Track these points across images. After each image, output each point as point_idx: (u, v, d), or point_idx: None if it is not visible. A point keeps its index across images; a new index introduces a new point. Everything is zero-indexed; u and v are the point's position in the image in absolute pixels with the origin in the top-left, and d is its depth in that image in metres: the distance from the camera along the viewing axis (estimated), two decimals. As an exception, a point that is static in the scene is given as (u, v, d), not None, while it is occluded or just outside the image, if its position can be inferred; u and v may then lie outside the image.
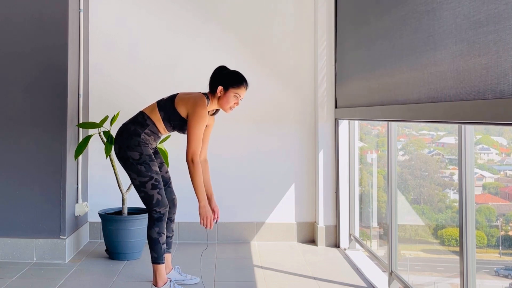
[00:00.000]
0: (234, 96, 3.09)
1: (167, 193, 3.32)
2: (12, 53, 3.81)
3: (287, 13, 4.50)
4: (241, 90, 3.10)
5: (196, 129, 2.99)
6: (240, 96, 3.11)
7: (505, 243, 2.51)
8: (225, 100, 3.09)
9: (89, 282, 3.38)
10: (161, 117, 3.12)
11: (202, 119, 3.01)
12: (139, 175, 3.05)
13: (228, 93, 3.09)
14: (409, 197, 3.48)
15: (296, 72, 4.50)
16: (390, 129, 3.21)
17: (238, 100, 3.12)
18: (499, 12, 1.68)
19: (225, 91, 3.09)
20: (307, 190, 4.46)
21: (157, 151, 3.35)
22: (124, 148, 3.07)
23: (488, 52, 1.75)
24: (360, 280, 3.47)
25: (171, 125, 3.14)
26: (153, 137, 3.16)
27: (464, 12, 1.93)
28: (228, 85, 3.09)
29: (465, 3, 1.92)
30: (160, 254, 3.10)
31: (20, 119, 3.80)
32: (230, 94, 3.08)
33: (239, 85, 3.10)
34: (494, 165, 2.72)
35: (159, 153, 3.37)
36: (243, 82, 3.12)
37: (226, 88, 3.09)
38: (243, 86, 3.11)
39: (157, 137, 3.20)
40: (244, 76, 3.16)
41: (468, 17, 1.90)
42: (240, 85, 3.10)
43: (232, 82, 3.10)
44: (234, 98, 3.10)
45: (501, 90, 1.67)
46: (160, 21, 4.45)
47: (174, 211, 3.35)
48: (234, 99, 3.10)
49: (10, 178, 3.79)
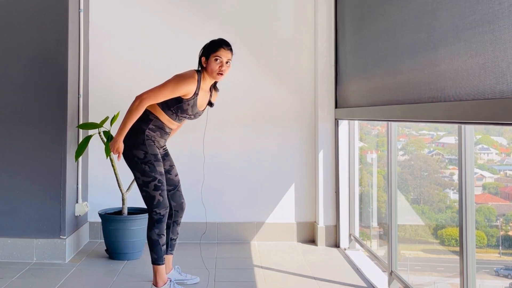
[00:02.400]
0: (215, 60, 3.06)
1: (176, 196, 3.29)
2: (12, 53, 3.81)
3: (287, 13, 4.50)
4: (221, 52, 3.07)
5: (169, 84, 2.99)
6: (222, 58, 3.06)
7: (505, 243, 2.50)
8: (210, 68, 3.08)
9: (89, 282, 3.38)
10: (160, 108, 3.09)
11: (182, 81, 3.00)
12: (143, 174, 3.05)
13: (210, 60, 3.08)
14: (409, 197, 3.48)
15: (296, 72, 4.50)
16: (390, 129, 3.21)
17: (222, 63, 3.07)
18: (494, 12, 1.68)
19: (207, 59, 3.09)
20: (307, 190, 4.46)
21: (168, 153, 3.31)
22: (129, 146, 3.06)
23: (485, 52, 1.75)
24: (360, 280, 3.47)
25: (172, 111, 3.09)
26: (159, 133, 3.13)
27: (460, 12, 1.93)
28: (208, 53, 3.10)
29: (461, 3, 1.92)
30: (160, 255, 3.09)
31: (20, 119, 3.80)
32: (211, 60, 3.07)
33: (216, 47, 3.08)
34: (494, 165, 2.72)
35: (170, 155, 3.33)
36: (220, 44, 3.10)
37: (207, 57, 3.10)
38: (222, 47, 3.08)
39: (164, 133, 3.16)
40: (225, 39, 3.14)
41: (464, 17, 1.90)
42: (218, 47, 3.08)
43: (210, 48, 3.11)
44: (216, 63, 3.06)
45: (500, 90, 1.67)
46: (160, 21, 4.45)
47: (182, 214, 3.33)
48: (217, 64, 3.06)
49: (10, 178, 3.79)
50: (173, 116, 3.12)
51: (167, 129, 3.17)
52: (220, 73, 3.07)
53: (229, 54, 3.10)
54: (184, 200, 3.34)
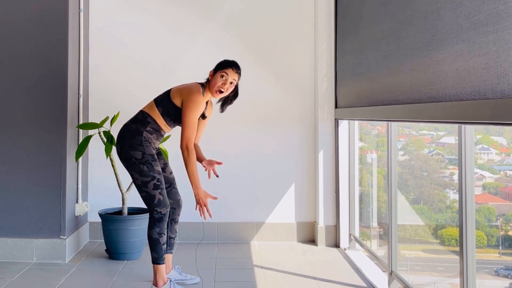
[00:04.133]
0: (220, 76, 3.12)
1: (172, 194, 3.31)
2: (12, 54, 3.81)
3: (287, 13, 4.50)
4: (229, 70, 3.13)
5: (190, 115, 3.03)
6: (228, 76, 3.11)
7: (505, 243, 2.51)
8: (213, 82, 3.13)
9: (89, 282, 3.38)
10: (160, 113, 3.13)
11: (197, 105, 3.05)
12: (141, 174, 3.05)
13: (216, 75, 3.14)
14: (409, 197, 3.48)
15: (296, 72, 4.50)
16: (390, 129, 3.22)
17: (227, 80, 3.11)
18: (498, 12, 1.69)
19: (214, 73, 3.16)
20: (307, 190, 4.47)
21: (160, 152, 3.35)
22: (126, 147, 3.07)
23: (488, 52, 1.76)
24: (360, 280, 3.47)
25: (171, 119, 3.15)
26: (155, 135, 3.16)
27: (465, 12, 1.93)
28: (217, 68, 3.17)
29: (466, 3, 1.92)
30: (160, 254, 3.10)
31: (21, 119, 3.80)
32: (217, 75, 3.13)
33: (226, 65, 3.15)
34: (494, 165, 2.72)
35: (162, 154, 3.37)
36: (230, 63, 3.16)
37: (214, 71, 3.17)
38: (231, 67, 3.14)
39: (159, 135, 3.20)
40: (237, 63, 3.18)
41: (469, 17, 1.90)
42: (228, 66, 3.14)
43: (220, 64, 3.17)
44: (221, 79, 3.11)
45: (501, 90, 1.68)
46: (160, 21, 4.45)
47: (179, 212, 3.34)
48: (221, 80, 3.11)
49: (11, 178, 3.79)
50: (170, 122, 3.18)
51: (163, 132, 3.22)
52: (219, 90, 3.12)
53: (236, 76, 3.16)
54: (180, 197, 3.36)
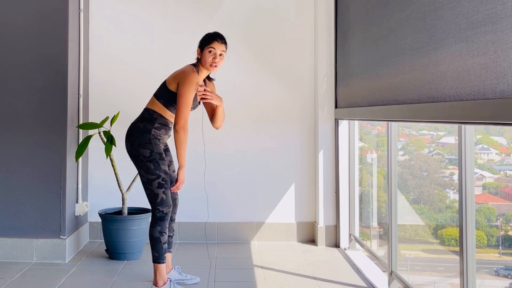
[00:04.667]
0: (208, 52, 3.12)
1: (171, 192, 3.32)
2: (12, 54, 3.81)
3: (287, 13, 4.50)
4: (214, 44, 3.13)
5: (186, 95, 3.05)
6: (216, 50, 3.13)
7: (505, 243, 2.51)
8: (204, 59, 3.14)
9: (89, 282, 3.38)
10: (163, 105, 3.14)
11: (192, 84, 3.06)
12: (147, 172, 3.07)
13: (204, 52, 3.15)
14: (409, 197, 3.48)
15: (296, 72, 4.50)
16: (390, 129, 3.22)
17: (216, 55, 3.13)
18: (497, 12, 1.68)
19: (202, 51, 3.16)
20: (307, 190, 4.46)
21: (168, 149, 3.35)
22: (135, 145, 3.10)
23: (487, 52, 1.76)
24: (360, 280, 3.47)
25: (174, 107, 3.14)
26: (163, 130, 3.18)
27: (463, 12, 1.93)
28: (202, 45, 3.17)
29: (464, 3, 1.92)
30: (161, 253, 3.10)
31: (21, 119, 3.80)
32: (205, 52, 3.14)
33: (210, 40, 3.15)
34: (494, 165, 2.72)
35: (169, 150, 3.37)
36: (214, 36, 3.16)
37: (201, 48, 3.17)
38: (216, 40, 3.14)
39: (168, 129, 3.22)
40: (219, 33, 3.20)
41: (467, 17, 1.90)
42: (212, 39, 3.14)
43: (204, 40, 3.17)
44: (210, 54, 3.12)
45: (501, 90, 1.68)
46: (160, 21, 4.45)
47: (175, 210, 3.36)
48: (210, 55, 3.12)
49: (11, 178, 3.79)
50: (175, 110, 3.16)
51: (170, 124, 3.21)
52: (213, 65, 3.13)
53: (223, 46, 3.17)
54: (177, 196, 3.38)
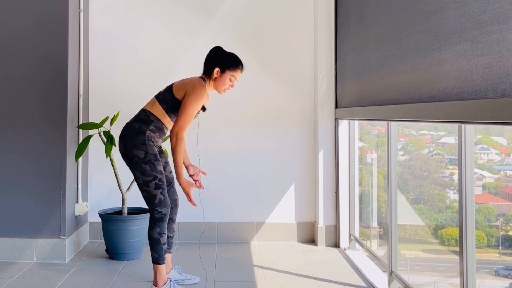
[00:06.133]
0: (230, 78, 3.10)
1: (170, 193, 3.30)
2: (12, 53, 3.81)
3: (287, 12, 4.50)
4: (237, 73, 3.11)
5: (191, 106, 3.00)
6: (236, 79, 3.12)
7: (505, 243, 2.51)
8: (221, 82, 3.10)
9: (89, 282, 3.38)
10: (164, 110, 3.10)
11: (200, 98, 3.02)
12: (143, 174, 3.05)
13: (224, 75, 3.09)
14: (409, 197, 3.48)
15: (296, 72, 4.50)
16: (390, 129, 3.22)
17: (234, 82, 3.12)
18: (504, 12, 1.68)
19: (222, 73, 3.10)
20: (307, 190, 4.47)
21: (162, 151, 3.33)
22: (129, 146, 3.06)
23: (491, 52, 1.75)
24: (360, 280, 3.47)
25: (175, 115, 3.11)
26: (158, 134, 3.13)
27: (469, 12, 1.93)
28: (225, 67, 3.09)
29: (471, 3, 1.92)
30: (160, 254, 3.10)
31: (21, 119, 3.80)
32: (226, 76, 3.09)
33: (236, 67, 3.11)
34: (494, 165, 2.72)
35: (164, 152, 3.36)
36: (239, 64, 3.13)
37: (222, 70, 3.09)
38: (239, 68, 3.12)
39: (162, 133, 3.18)
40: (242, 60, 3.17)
41: (473, 16, 1.90)
42: (237, 67, 3.11)
43: (229, 64, 3.10)
44: (229, 81, 3.10)
45: (503, 90, 1.68)
46: (160, 21, 4.45)
47: (176, 211, 3.34)
48: (229, 82, 3.10)
49: (11, 178, 3.79)
50: (175, 118, 3.14)
51: (166, 130, 3.19)
52: (226, 90, 3.14)
53: (240, 74, 3.16)
54: (178, 197, 3.35)
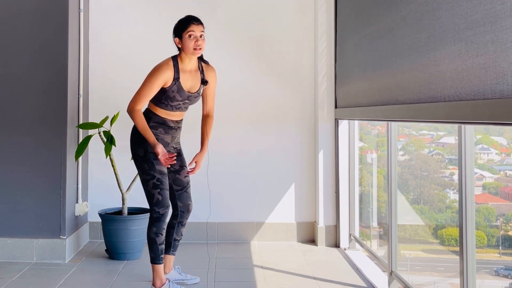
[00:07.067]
0: (188, 36, 3.03)
1: (183, 197, 3.25)
2: (12, 53, 3.81)
3: (287, 13, 4.49)
4: (191, 27, 3.04)
5: (145, 82, 3.03)
6: (195, 33, 3.03)
7: (505, 243, 2.51)
8: (185, 46, 3.04)
9: (89, 282, 3.38)
10: (152, 102, 3.11)
11: (155, 72, 3.02)
12: (142, 172, 3.07)
13: (184, 40, 3.04)
14: (409, 197, 3.48)
15: (296, 72, 4.49)
16: (390, 129, 3.21)
17: (197, 37, 3.03)
18: (495, 12, 1.68)
19: (180, 38, 3.06)
20: (307, 190, 4.46)
21: (181, 154, 3.27)
22: (133, 144, 3.11)
23: (486, 52, 1.75)
24: (360, 280, 3.47)
25: (163, 103, 3.07)
26: (162, 129, 3.10)
27: (461, 12, 1.93)
28: (179, 32, 3.06)
29: (463, 3, 1.92)
30: (157, 254, 3.09)
31: (21, 119, 3.80)
32: (185, 38, 3.04)
33: (186, 25, 3.04)
34: (494, 165, 2.72)
35: (182, 156, 3.29)
36: (188, 20, 3.06)
37: (179, 36, 3.06)
38: (192, 23, 3.05)
39: (167, 128, 3.11)
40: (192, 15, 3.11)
41: (466, 17, 1.90)
42: (187, 24, 3.04)
43: (179, 28, 3.07)
44: (191, 39, 3.03)
45: (500, 90, 1.67)
46: (160, 20, 4.45)
47: (187, 216, 3.29)
48: (191, 40, 3.03)
49: (10, 178, 3.79)
50: (167, 107, 3.09)
51: (170, 123, 3.13)
52: (197, 48, 3.04)
53: (201, 27, 3.07)
54: (191, 202, 3.30)
